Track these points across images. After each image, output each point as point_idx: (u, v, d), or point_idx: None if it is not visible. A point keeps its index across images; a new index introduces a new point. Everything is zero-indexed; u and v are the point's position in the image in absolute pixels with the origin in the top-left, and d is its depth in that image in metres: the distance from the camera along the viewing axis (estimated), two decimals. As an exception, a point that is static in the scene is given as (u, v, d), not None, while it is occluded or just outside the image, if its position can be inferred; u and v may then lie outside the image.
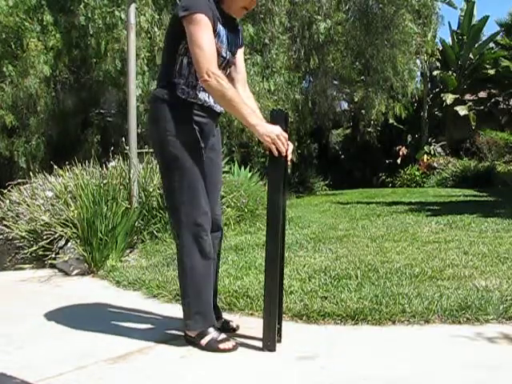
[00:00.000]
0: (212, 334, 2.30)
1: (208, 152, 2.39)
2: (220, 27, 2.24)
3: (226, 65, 2.36)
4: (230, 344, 2.27)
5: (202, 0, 2.19)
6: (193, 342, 2.35)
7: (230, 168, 8.21)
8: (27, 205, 4.98)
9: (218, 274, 2.59)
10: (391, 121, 17.23)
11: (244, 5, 2.28)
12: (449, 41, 18.82)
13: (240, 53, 2.46)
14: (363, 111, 15.41)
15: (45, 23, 10.23)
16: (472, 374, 2.02)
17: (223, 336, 2.31)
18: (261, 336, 2.27)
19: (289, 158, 2.22)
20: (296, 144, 13.62)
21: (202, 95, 2.29)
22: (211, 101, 2.31)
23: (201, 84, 2.22)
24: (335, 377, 2.02)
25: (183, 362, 2.20)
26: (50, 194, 4.98)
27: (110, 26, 9.66)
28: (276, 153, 2.12)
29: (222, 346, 2.26)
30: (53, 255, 4.36)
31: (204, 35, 2.12)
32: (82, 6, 9.80)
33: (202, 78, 2.13)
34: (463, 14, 18.38)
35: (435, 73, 18.80)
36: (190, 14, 2.13)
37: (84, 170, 5.25)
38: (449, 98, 17.75)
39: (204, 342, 2.30)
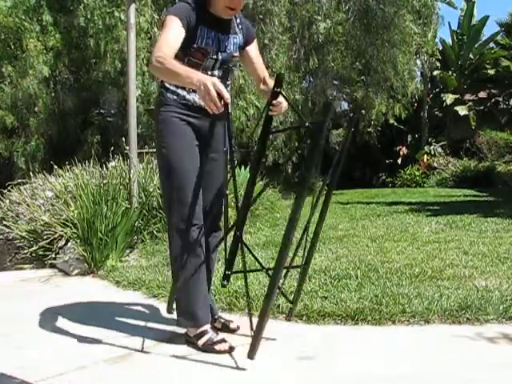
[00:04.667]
0: (209, 334, 2.31)
1: (209, 151, 2.41)
2: (203, 29, 2.28)
3: (222, 65, 2.37)
4: (226, 346, 2.27)
5: (181, 6, 2.28)
6: (192, 342, 2.36)
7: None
8: (27, 205, 4.98)
9: (212, 273, 2.59)
10: (391, 121, 17.21)
11: (226, 4, 2.28)
12: (449, 41, 18.81)
13: (250, 51, 2.48)
14: (363, 111, 15.42)
15: (44, 23, 10.23)
16: (472, 373, 2.02)
17: (220, 337, 2.31)
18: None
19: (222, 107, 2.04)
20: (296, 144, 13.64)
21: (192, 96, 2.33)
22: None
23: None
24: (335, 377, 2.02)
25: (183, 362, 2.20)
26: (49, 194, 4.98)
27: (109, 26, 9.67)
28: (210, 110, 2.01)
29: (217, 347, 2.27)
30: (53, 255, 4.35)
31: (167, 32, 2.19)
32: (81, 7, 9.81)
33: (151, 63, 2.17)
34: (463, 14, 18.37)
35: (435, 73, 18.78)
36: (165, 17, 2.27)
37: (84, 170, 5.25)
38: (449, 98, 17.74)
39: (201, 342, 2.31)
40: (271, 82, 2.38)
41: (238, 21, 2.44)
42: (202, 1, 2.31)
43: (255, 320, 2.15)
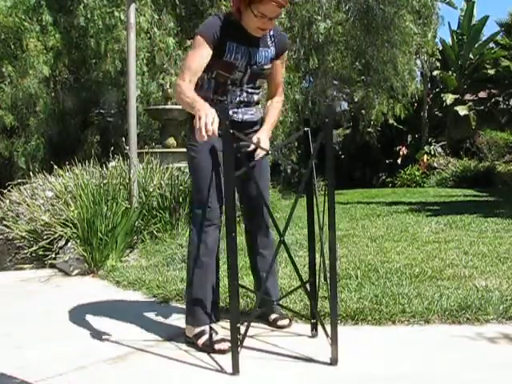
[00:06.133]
0: (208, 334, 2.32)
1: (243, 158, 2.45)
2: (232, 45, 2.35)
3: (251, 77, 2.44)
4: (225, 345, 2.27)
5: (210, 23, 2.39)
6: (191, 341, 2.36)
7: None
8: (27, 205, 4.98)
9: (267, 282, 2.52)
10: (391, 121, 17.22)
11: (257, 26, 2.33)
12: (449, 41, 18.82)
13: (277, 64, 2.52)
14: (363, 111, 15.42)
15: (44, 23, 10.24)
16: (472, 373, 2.02)
17: (219, 337, 2.32)
18: (259, 335, 2.26)
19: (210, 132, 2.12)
20: (296, 144, 13.64)
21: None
22: (239, 116, 2.45)
23: (216, 98, 2.40)
24: (335, 377, 2.02)
25: (183, 362, 2.19)
26: (49, 194, 4.98)
27: (109, 26, 9.67)
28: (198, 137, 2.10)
29: (217, 346, 2.28)
30: (53, 255, 4.35)
31: (193, 54, 2.34)
32: (81, 7, 9.80)
33: (176, 91, 2.38)
34: (463, 14, 18.38)
35: (435, 73, 18.80)
36: (195, 35, 2.38)
37: (84, 170, 5.25)
38: (449, 98, 17.75)
39: (200, 342, 2.32)
40: (275, 103, 2.55)
41: (272, 33, 2.47)
42: (235, 17, 2.36)
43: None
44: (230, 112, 2.40)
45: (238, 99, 2.44)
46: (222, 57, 2.34)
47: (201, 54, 2.32)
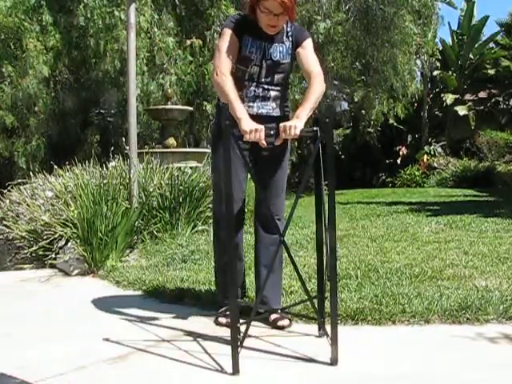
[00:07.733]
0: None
1: (262, 150, 2.46)
2: (247, 39, 2.50)
3: (268, 72, 2.56)
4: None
5: (230, 17, 2.63)
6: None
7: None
8: (27, 205, 4.98)
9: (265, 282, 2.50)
10: (391, 121, 17.23)
11: (266, 22, 2.46)
12: (449, 41, 18.83)
13: (298, 53, 2.61)
14: (363, 111, 15.42)
15: (44, 23, 10.23)
16: (472, 373, 2.02)
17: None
18: (259, 335, 2.26)
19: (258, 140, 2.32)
20: (296, 144, 13.65)
21: (250, 109, 2.52)
22: (254, 110, 2.53)
23: (240, 94, 2.47)
24: (335, 377, 2.02)
25: (183, 362, 2.19)
26: (49, 194, 4.98)
27: (109, 26, 9.66)
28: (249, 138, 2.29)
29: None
30: (53, 255, 4.35)
31: (223, 43, 2.48)
32: (81, 7, 9.80)
33: (212, 74, 2.51)
34: (463, 14, 18.38)
35: (435, 73, 18.81)
36: (221, 30, 2.61)
37: (84, 170, 5.25)
38: (449, 98, 17.76)
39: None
40: (312, 90, 2.49)
41: (289, 29, 2.59)
42: (252, 16, 2.52)
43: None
44: (245, 105, 2.47)
45: (252, 93, 2.55)
46: (239, 50, 2.48)
47: (228, 38, 2.46)
